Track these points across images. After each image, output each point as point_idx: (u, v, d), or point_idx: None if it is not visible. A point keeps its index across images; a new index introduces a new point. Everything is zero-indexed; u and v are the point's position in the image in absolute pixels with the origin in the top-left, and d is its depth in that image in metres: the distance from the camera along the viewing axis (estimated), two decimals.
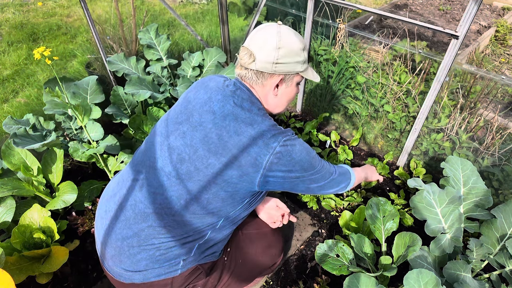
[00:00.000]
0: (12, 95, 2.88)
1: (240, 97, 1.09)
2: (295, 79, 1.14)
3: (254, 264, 1.32)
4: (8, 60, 3.32)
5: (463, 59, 3.01)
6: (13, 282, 1.05)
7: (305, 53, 1.11)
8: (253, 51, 1.06)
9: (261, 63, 1.06)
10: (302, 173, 1.08)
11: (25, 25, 3.96)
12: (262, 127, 1.04)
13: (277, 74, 1.08)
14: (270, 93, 1.13)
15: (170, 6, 2.65)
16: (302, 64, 1.11)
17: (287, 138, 1.05)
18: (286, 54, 1.05)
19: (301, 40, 1.10)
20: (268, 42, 1.05)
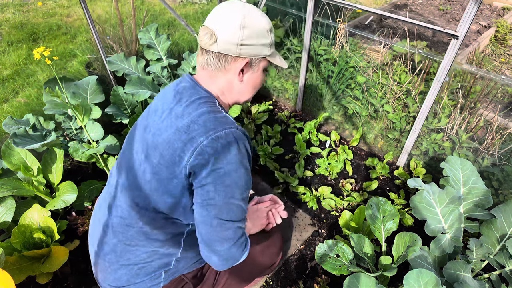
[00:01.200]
0: (12, 95, 2.88)
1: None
2: (262, 64, 1.05)
3: (253, 265, 1.31)
4: (8, 60, 3.32)
5: (463, 59, 3.01)
6: (13, 282, 1.05)
7: (271, 35, 1.02)
8: (215, 30, 0.95)
9: (224, 44, 0.95)
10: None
11: (25, 25, 3.96)
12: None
13: (242, 57, 0.99)
14: (235, 79, 1.03)
15: (170, 6, 2.65)
16: (269, 48, 1.02)
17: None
18: (252, 34, 0.96)
19: (267, 21, 1.00)
20: (232, 20, 0.94)
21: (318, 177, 2.19)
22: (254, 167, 2.26)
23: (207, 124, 0.93)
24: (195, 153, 0.91)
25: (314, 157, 2.34)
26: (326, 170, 2.19)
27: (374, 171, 2.17)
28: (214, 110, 0.97)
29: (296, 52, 2.56)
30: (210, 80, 1.04)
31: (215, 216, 0.95)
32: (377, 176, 2.17)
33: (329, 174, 2.18)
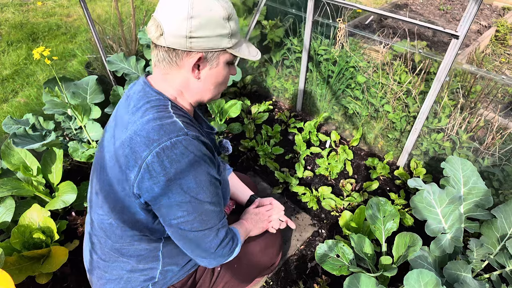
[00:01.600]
0: (12, 95, 2.88)
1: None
2: (223, 58, 0.90)
3: (253, 265, 1.31)
4: (8, 60, 3.32)
5: (463, 59, 3.00)
6: (12, 282, 1.04)
7: (231, 23, 0.86)
8: (161, 21, 0.83)
9: (171, 37, 0.83)
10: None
11: (24, 25, 3.96)
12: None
13: (195, 51, 0.85)
14: (190, 76, 0.90)
15: None
16: (229, 39, 0.87)
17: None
18: (202, 25, 0.82)
19: (223, 6, 0.84)
20: (177, 9, 0.81)
21: (318, 177, 2.19)
22: (254, 167, 2.26)
23: (150, 135, 0.82)
24: (141, 171, 0.81)
25: (314, 157, 2.33)
26: (326, 170, 2.18)
27: (374, 171, 2.17)
28: (162, 116, 0.85)
29: (296, 52, 2.56)
30: (163, 79, 0.92)
31: (189, 230, 0.89)
32: (377, 176, 2.17)
33: (329, 174, 2.18)
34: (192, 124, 0.92)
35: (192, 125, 0.92)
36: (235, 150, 2.37)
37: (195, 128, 0.92)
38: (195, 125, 0.95)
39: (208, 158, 0.88)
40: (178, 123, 0.85)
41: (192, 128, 0.88)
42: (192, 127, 0.90)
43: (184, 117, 0.90)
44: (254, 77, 2.93)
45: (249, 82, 2.91)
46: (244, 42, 0.95)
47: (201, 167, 0.85)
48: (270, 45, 2.73)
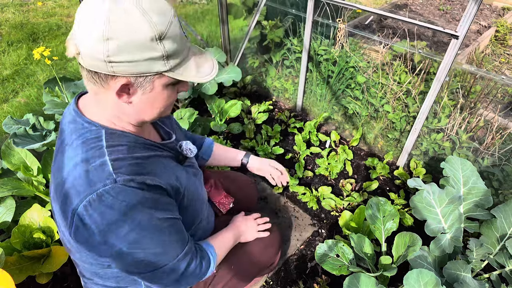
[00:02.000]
0: (12, 95, 2.88)
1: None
2: (159, 81, 0.75)
3: (252, 264, 1.31)
4: (8, 60, 3.32)
5: (463, 59, 3.01)
6: (13, 282, 1.05)
7: (166, 43, 0.69)
8: (76, 39, 0.68)
9: (88, 59, 0.68)
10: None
11: (25, 25, 3.96)
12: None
13: (119, 75, 0.70)
14: (119, 102, 0.76)
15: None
16: (165, 61, 0.71)
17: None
18: (122, 48, 0.66)
19: (151, 24, 0.66)
20: (91, 28, 0.65)
21: (318, 177, 2.19)
22: None
23: (77, 186, 0.73)
24: (74, 225, 0.74)
25: (314, 157, 2.33)
26: (326, 170, 2.19)
27: (374, 171, 2.17)
28: (91, 156, 0.75)
29: (296, 52, 2.56)
30: (95, 101, 0.80)
31: (149, 271, 0.84)
32: (377, 176, 2.17)
33: (329, 174, 2.18)
34: (137, 148, 0.82)
35: (137, 149, 0.82)
36: None
37: (141, 151, 0.83)
38: (143, 146, 0.84)
39: (150, 200, 0.78)
40: (107, 167, 0.74)
41: (130, 161, 0.78)
42: (135, 152, 0.81)
43: (123, 146, 0.79)
44: (254, 77, 2.93)
45: (249, 82, 2.91)
46: (193, 60, 0.78)
47: (138, 214, 0.76)
48: (270, 45, 2.73)
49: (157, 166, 0.85)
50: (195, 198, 1.01)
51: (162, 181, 0.83)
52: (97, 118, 0.81)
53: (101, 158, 0.75)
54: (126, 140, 0.81)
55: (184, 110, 2.20)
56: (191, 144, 1.02)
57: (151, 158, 0.85)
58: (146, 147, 0.85)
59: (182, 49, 0.74)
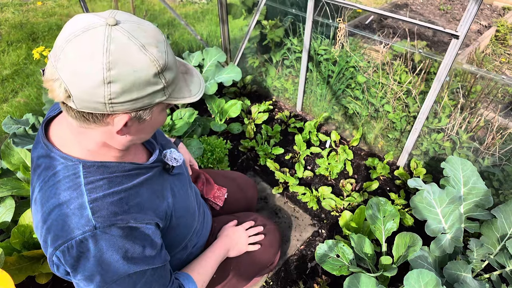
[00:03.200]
0: (12, 95, 2.88)
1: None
2: (157, 109, 0.73)
3: (251, 264, 1.31)
4: (8, 59, 3.32)
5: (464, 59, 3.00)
6: (12, 282, 1.04)
7: (167, 74, 0.67)
8: (65, 81, 0.61)
9: (83, 103, 0.63)
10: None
11: (24, 25, 3.96)
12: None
13: (119, 113, 0.67)
14: (112, 131, 0.71)
15: (169, 6, 2.64)
16: (164, 91, 0.69)
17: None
18: (126, 90, 0.63)
19: (153, 59, 0.63)
20: (87, 71, 0.60)
21: (318, 177, 2.19)
22: (254, 167, 2.26)
23: (55, 230, 0.71)
24: (54, 262, 0.73)
25: (314, 157, 2.33)
26: (326, 170, 2.18)
27: (375, 171, 2.17)
28: (69, 198, 0.71)
29: (296, 52, 2.56)
30: (74, 135, 0.74)
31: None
32: (378, 176, 2.17)
33: (329, 174, 2.18)
34: (119, 178, 0.78)
35: (120, 179, 0.78)
36: (235, 150, 2.37)
37: (125, 181, 0.78)
38: (126, 174, 0.80)
39: (130, 248, 0.75)
40: (86, 211, 0.70)
41: (111, 199, 0.74)
42: (117, 184, 0.76)
43: (103, 179, 0.75)
44: (254, 77, 2.93)
45: (249, 82, 2.91)
46: (183, 79, 0.76)
47: (116, 263, 0.73)
48: (270, 45, 2.73)
49: (142, 195, 0.80)
50: (184, 214, 0.97)
51: (147, 218, 0.79)
52: (74, 151, 0.75)
53: (79, 199, 0.71)
54: (107, 172, 0.76)
55: (184, 110, 2.20)
56: (175, 153, 0.95)
57: (135, 187, 0.80)
58: (129, 175, 0.80)
59: (177, 73, 0.72)
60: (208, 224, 1.26)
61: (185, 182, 1.06)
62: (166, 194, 0.89)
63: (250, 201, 1.54)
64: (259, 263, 1.33)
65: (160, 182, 0.89)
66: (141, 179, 0.83)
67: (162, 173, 0.92)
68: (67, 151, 0.76)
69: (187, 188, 1.05)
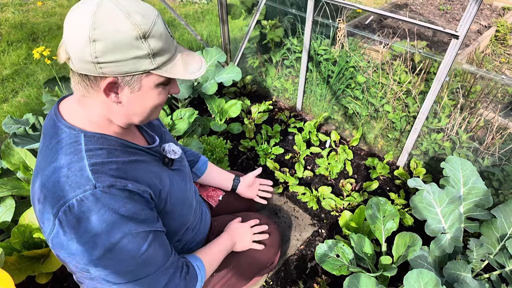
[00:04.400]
0: (12, 95, 2.88)
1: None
2: (147, 80, 0.76)
3: (251, 264, 1.31)
4: (8, 59, 3.32)
5: (463, 59, 3.01)
6: (12, 282, 1.05)
7: (151, 41, 0.72)
8: (66, 44, 0.71)
9: (78, 62, 0.71)
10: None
11: (24, 25, 3.96)
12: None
13: (108, 76, 0.73)
14: (108, 101, 0.77)
15: (170, 6, 2.65)
16: (151, 59, 0.73)
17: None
18: (109, 49, 0.69)
19: (135, 23, 0.69)
20: (78, 32, 0.68)
21: (318, 177, 2.19)
22: (254, 167, 2.26)
23: (56, 190, 0.73)
24: (54, 230, 0.74)
25: (314, 157, 2.33)
26: (326, 170, 2.18)
27: (374, 171, 2.17)
28: (70, 161, 0.75)
29: (296, 52, 2.56)
30: (81, 103, 0.80)
31: (126, 282, 0.81)
32: (377, 176, 2.17)
33: (329, 174, 2.18)
34: (117, 152, 0.81)
35: (118, 152, 0.81)
36: (235, 150, 2.37)
37: (122, 155, 0.82)
38: (124, 149, 0.83)
39: (130, 208, 0.77)
40: (86, 172, 0.73)
41: (110, 166, 0.77)
42: (115, 156, 0.80)
43: (102, 149, 0.78)
44: (254, 77, 2.93)
45: (249, 82, 2.91)
46: (181, 58, 0.79)
47: (117, 222, 0.75)
48: (270, 45, 2.73)
49: (138, 170, 0.83)
50: (179, 203, 0.98)
51: (143, 187, 0.81)
52: (78, 121, 0.80)
53: (79, 163, 0.74)
54: (107, 144, 0.80)
55: (184, 110, 2.20)
56: (174, 146, 0.99)
57: (132, 163, 0.83)
58: (127, 151, 0.84)
59: (168, 47, 0.76)
60: (206, 222, 1.26)
61: (185, 178, 1.07)
62: (163, 179, 0.91)
63: (250, 200, 1.54)
64: (259, 263, 1.34)
65: (158, 168, 0.92)
66: (139, 158, 0.87)
67: (161, 165, 0.95)
68: (72, 121, 0.81)
69: (186, 183, 1.06)
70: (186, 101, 2.52)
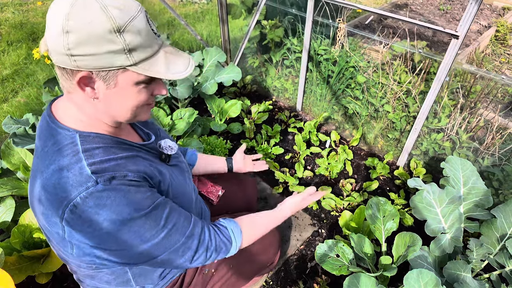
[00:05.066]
0: (12, 95, 2.88)
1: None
2: (124, 76, 0.73)
3: (251, 263, 1.31)
4: (8, 59, 3.32)
5: (463, 59, 3.01)
6: (12, 282, 1.05)
7: (127, 36, 0.69)
8: (46, 35, 0.71)
9: (54, 54, 0.70)
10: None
11: (24, 25, 3.96)
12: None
13: (83, 70, 0.70)
14: (86, 97, 0.76)
15: (170, 6, 2.65)
16: (127, 55, 0.70)
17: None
18: (82, 41, 0.67)
19: (110, 16, 0.67)
20: (53, 22, 0.67)
21: (318, 177, 2.19)
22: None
23: (58, 192, 0.73)
24: (66, 234, 0.76)
25: (314, 157, 2.33)
26: (326, 170, 2.18)
27: (374, 171, 2.17)
28: (68, 163, 0.75)
29: (296, 52, 2.56)
30: (70, 105, 0.80)
31: (149, 261, 0.84)
32: (377, 176, 2.17)
33: (329, 174, 2.18)
34: (114, 149, 0.81)
35: (114, 149, 0.81)
36: (235, 150, 2.37)
37: (120, 151, 0.82)
38: (120, 146, 0.84)
39: (134, 193, 0.78)
40: (85, 171, 0.74)
41: (108, 164, 0.77)
42: (112, 153, 0.80)
43: (99, 148, 0.79)
44: (254, 77, 2.93)
45: (249, 82, 2.91)
46: (164, 56, 0.76)
47: (125, 209, 0.76)
48: (270, 45, 2.73)
49: (137, 164, 0.84)
50: (180, 195, 0.99)
51: (142, 175, 0.82)
52: (71, 121, 0.80)
53: (78, 164, 0.75)
54: (102, 142, 0.80)
55: (184, 110, 2.20)
56: (170, 141, 1.00)
57: (130, 157, 0.83)
58: (123, 148, 0.84)
59: (149, 44, 0.73)
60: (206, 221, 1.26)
61: (184, 173, 1.08)
62: (163, 172, 0.91)
63: (250, 199, 1.54)
64: (259, 263, 1.34)
65: (157, 164, 0.92)
66: (136, 153, 0.87)
67: (159, 161, 0.96)
68: (65, 122, 0.80)
69: (185, 178, 1.07)
70: (186, 101, 2.52)
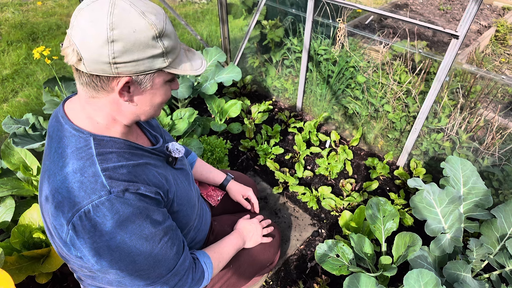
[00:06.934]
0: (12, 95, 2.88)
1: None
2: (159, 78, 0.78)
3: (251, 264, 1.31)
4: (8, 59, 3.32)
5: (463, 59, 3.01)
6: (12, 282, 1.04)
7: (165, 41, 0.73)
8: (77, 45, 0.69)
9: (92, 64, 0.70)
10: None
11: (24, 25, 3.96)
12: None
13: (123, 76, 0.73)
14: (120, 101, 0.77)
15: (169, 6, 2.64)
16: (164, 58, 0.75)
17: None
18: (128, 49, 0.69)
19: (151, 23, 0.70)
20: (94, 33, 0.67)
21: (318, 177, 2.19)
22: (254, 167, 2.26)
23: (71, 196, 0.73)
24: (69, 232, 0.75)
25: (314, 157, 2.33)
26: (326, 170, 2.18)
27: (374, 171, 2.17)
28: (82, 166, 0.75)
29: (296, 52, 2.56)
30: (89, 103, 0.79)
31: (131, 286, 0.85)
32: (377, 176, 2.17)
33: (329, 174, 2.18)
34: (126, 154, 0.82)
35: (127, 155, 0.82)
36: (235, 150, 2.37)
37: (131, 158, 0.83)
38: (132, 152, 0.85)
39: (143, 211, 0.79)
40: (100, 178, 0.74)
41: (121, 170, 0.78)
42: (125, 159, 0.81)
43: (112, 153, 0.80)
44: (254, 77, 2.93)
45: (249, 82, 2.91)
46: (185, 54, 0.82)
47: (131, 225, 0.77)
48: (270, 45, 2.73)
49: (146, 173, 0.85)
50: (184, 203, 1.00)
51: (154, 188, 0.83)
52: (85, 123, 0.80)
53: (92, 168, 0.75)
54: (116, 147, 0.81)
55: (184, 110, 2.20)
56: (177, 144, 1.03)
57: (140, 165, 0.84)
58: (135, 153, 0.85)
59: (177, 45, 0.78)
60: (207, 221, 1.27)
61: (188, 177, 1.09)
62: (169, 179, 0.93)
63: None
64: (259, 263, 1.34)
65: (164, 169, 0.94)
66: (147, 160, 0.88)
67: (165, 164, 0.97)
68: (79, 124, 0.80)
69: (189, 182, 1.08)
70: (186, 101, 2.52)
